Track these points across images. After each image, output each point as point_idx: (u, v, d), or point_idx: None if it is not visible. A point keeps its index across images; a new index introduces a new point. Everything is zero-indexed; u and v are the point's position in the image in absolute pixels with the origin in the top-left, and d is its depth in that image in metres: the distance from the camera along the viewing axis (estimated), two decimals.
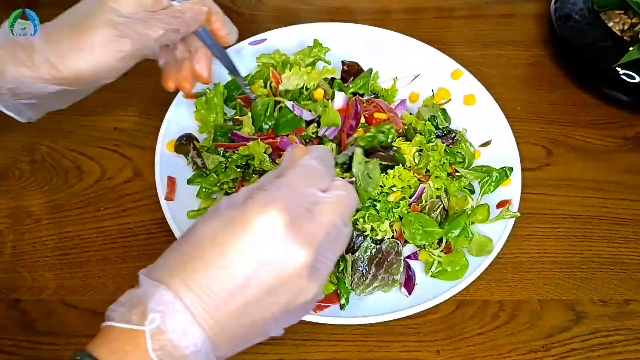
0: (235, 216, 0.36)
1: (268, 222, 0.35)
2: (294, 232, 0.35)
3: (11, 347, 0.54)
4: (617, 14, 0.70)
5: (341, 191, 0.40)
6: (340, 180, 0.41)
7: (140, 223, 0.62)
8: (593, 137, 0.70)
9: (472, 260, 0.56)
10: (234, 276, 0.35)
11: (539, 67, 0.77)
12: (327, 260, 0.38)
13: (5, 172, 0.65)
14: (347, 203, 0.40)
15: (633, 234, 0.63)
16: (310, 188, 0.38)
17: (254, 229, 0.35)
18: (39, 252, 0.60)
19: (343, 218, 0.39)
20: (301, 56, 0.69)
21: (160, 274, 0.36)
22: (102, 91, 0.72)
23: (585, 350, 0.55)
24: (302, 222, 0.36)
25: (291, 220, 0.36)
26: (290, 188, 0.38)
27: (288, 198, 0.37)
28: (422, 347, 0.55)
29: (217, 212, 0.37)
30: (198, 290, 0.34)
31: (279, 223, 0.35)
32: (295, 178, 0.39)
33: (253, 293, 0.35)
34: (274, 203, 0.36)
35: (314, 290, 0.37)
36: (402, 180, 0.57)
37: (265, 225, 0.35)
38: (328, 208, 0.38)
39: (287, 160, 0.42)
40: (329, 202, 0.38)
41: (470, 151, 0.64)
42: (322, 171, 0.40)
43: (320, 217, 0.37)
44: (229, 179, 0.60)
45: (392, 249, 0.55)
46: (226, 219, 0.36)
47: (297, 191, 0.38)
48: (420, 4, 0.83)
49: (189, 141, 0.62)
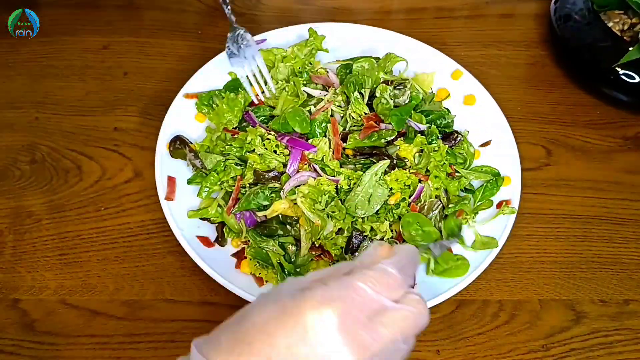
0: (289, 307, 0.35)
1: (320, 320, 0.33)
2: (346, 338, 0.34)
3: (11, 347, 0.54)
4: (617, 14, 0.70)
5: (412, 307, 0.37)
6: (415, 295, 0.38)
7: (140, 223, 0.62)
8: (593, 137, 0.70)
9: (472, 260, 0.56)
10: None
11: (539, 67, 0.77)
12: None
13: (5, 172, 0.65)
14: (414, 321, 0.37)
15: (633, 234, 0.63)
16: (378, 295, 0.36)
17: (305, 325, 0.34)
18: (39, 252, 0.60)
19: (405, 335, 0.36)
20: (298, 47, 0.69)
21: (210, 351, 0.35)
22: (102, 91, 0.72)
23: (585, 350, 0.55)
24: (358, 330, 0.34)
25: (346, 324, 0.34)
26: (354, 290, 0.35)
27: (349, 301, 0.35)
28: (422, 347, 0.55)
29: (277, 296, 0.36)
30: None
31: (332, 324, 0.33)
32: (364, 280, 0.36)
33: None
34: (332, 302, 0.34)
35: None
36: (399, 182, 0.57)
37: (317, 323, 0.33)
38: (392, 322, 0.35)
39: (365, 256, 0.39)
40: (394, 316, 0.36)
41: (470, 151, 0.64)
42: (399, 280, 0.37)
43: (380, 329, 0.35)
44: (229, 177, 0.60)
45: None
46: (280, 308, 0.35)
47: (360, 294, 0.35)
48: (420, 4, 0.84)
49: (183, 144, 0.62)
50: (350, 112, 0.63)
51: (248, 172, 0.59)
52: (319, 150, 0.60)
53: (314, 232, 0.55)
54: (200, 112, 0.66)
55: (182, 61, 0.75)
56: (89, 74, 0.74)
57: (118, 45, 0.76)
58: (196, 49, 0.73)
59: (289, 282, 0.37)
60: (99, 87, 0.73)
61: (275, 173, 0.59)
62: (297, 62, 0.69)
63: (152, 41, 0.76)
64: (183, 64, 0.74)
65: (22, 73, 0.73)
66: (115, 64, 0.75)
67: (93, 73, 0.74)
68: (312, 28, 0.71)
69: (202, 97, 0.66)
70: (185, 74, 0.68)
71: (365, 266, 0.37)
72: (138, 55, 0.76)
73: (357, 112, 0.63)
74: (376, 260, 0.38)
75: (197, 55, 0.63)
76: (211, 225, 0.60)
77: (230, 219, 0.58)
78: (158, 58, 0.75)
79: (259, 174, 0.59)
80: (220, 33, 0.78)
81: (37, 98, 0.71)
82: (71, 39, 0.76)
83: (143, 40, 0.77)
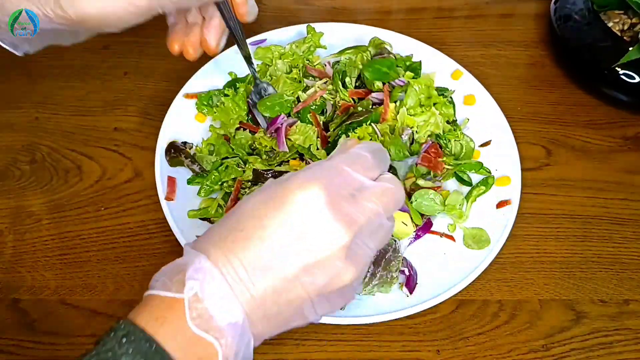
0: (276, 190, 0.36)
1: (308, 197, 0.35)
2: (334, 211, 0.35)
3: (11, 347, 0.54)
4: (617, 14, 0.70)
5: (389, 184, 0.39)
6: (389, 175, 0.40)
7: (140, 223, 0.62)
8: (593, 137, 0.70)
9: (472, 260, 0.57)
10: (272, 248, 0.34)
11: (538, 67, 0.77)
12: (366, 247, 0.37)
13: (5, 172, 0.65)
14: (392, 196, 0.39)
15: (633, 234, 0.63)
16: (356, 174, 0.38)
17: (294, 202, 0.35)
18: (39, 252, 0.60)
19: (387, 210, 0.38)
20: (297, 44, 0.70)
21: (203, 245, 0.36)
22: (102, 91, 0.72)
23: (585, 350, 0.55)
24: (343, 203, 0.36)
25: (332, 199, 0.35)
26: (336, 170, 0.38)
27: (332, 178, 0.36)
28: (422, 346, 0.55)
29: (262, 189, 0.38)
30: (236, 261, 0.34)
31: (319, 199, 0.35)
32: (343, 161, 0.38)
33: (290, 269, 0.34)
34: (316, 180, 0.36)
35: (351, 274, 0.36)
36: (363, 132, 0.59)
37: (305, 199, 0.35)
38: (372, 196, 0.37)
39: (338, 148, 0.42)
40: (374, 191, 0.38)
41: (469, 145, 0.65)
42: (372, 161, 0.40)
43: (363, 202, 0.37)
44: (230, 177, 0.60)
45: (390, 246, 0.55)
46: (268, 193, 0.36)
47: (342, 174, 0.37)
48: (420, 4, 0.84)
49: (178, 151, 0.62)
50: (338, 100, 0.64)
51: (247, 170, 0.59)
52: (307, 139, 0.60)
53: None
54: (200, 112, 0.66)
55: (182, 61, 0.74)
56: (89, 74, 0.74)
57: (118, 45, 0.76)
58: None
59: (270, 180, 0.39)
60: (99, 87, 0.73)
61: (275, 173, 0.59)
62: (295, 58, 0.69)
63: (152, 41, 0.76)
64: (183, 64, 0.73)
65: (22, 73, 0.73)
66: (115, 64, 0.75)
67: (93, 73, 0.74)
68: (311, 25, 0.71)
69: (202, 97, 0.66)
70: (185, 74, 0.68)
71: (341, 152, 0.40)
72: (138, 55, 0.76)
73: (344, 97, 0.64)
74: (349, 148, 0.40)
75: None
76: (211, 225, 0.59)
77: None
78: (158, 58, 0.75)
79: (259, 173, 0.59)
80: None
81: (37, 98, 0.71)
82: None
83: (143, 40, 0.77)
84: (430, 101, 0.63)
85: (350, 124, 0.60)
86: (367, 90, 0.65)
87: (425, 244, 0.59)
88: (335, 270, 0.35)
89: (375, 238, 0.38)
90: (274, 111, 0.63)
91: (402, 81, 0.65)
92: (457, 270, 0.56)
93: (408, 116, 0.61)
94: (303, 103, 0.64)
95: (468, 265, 0.56)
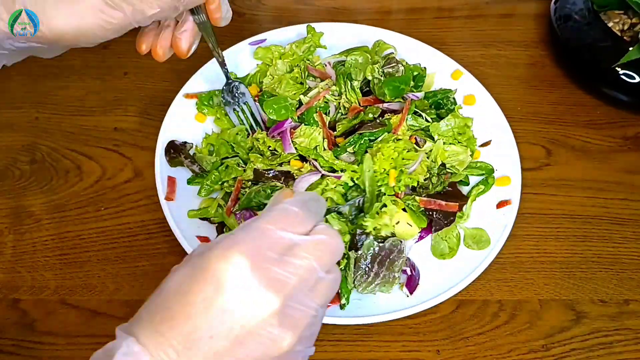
0: (198, 263, 0.34)
1: (230, 267, 0.33)
2: (259, 277, 0.33)
3: (11, 347, 0.54)
4: (617, 14, 0.70)
5: (321, 235, 0.37)
6: (323, 225, 0.38)
7: (140, 223, 0.62)
8: (593, 137, 0.70)
9: (472, 260, 0.56)
10: (199, 326, 0.33)
11: (538, 67, 0.77)
12: (303, 307, 0.35)
13: (5, 172, 0.65)
14: (327, 248, 0.36)
15: (633, 234, 0.63)
16: (282, 232, 0.36)
17: (216, 275, 0.33)
18: (39, 252, 0.60)
19: (322, 264, 0.36)
20: (297, 44, 0.70)
21: (133, 327, 0.34)
22: (102, 91, 0.72)
23: (585, 350, 0.55)
24: (270, 267, 0.34)
25: (257, 264, 0.33)
26: (260, 232, 0.35)
27: (254, 241, 0.34)
28: (422, 347, 0.55)
29: (186, 260, 0.36)
30: (165, 342, 0.33)
31: (242, 267, 0.33)
32: (268, 220, 0.36)
33: (221, 344, 0.33)
34: (237, 247, 0.34)
35: (288, 340, 0.34)
36: (387, 158, 0.58)
37: (227, 270, 0.33)
38: (302, 252, 0.35)
39: (269, 204, 0.40)
40: (305, 247, 0.35)
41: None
42: (302, 215, 0.37)
43: (292, 261, 0.35)
44: (230, 177, 0.60)
45: (395, 247, 0.55)
46: (191, 266, 0.34)
47: (267, 235, 0.35)
48: (420, 4, 0.84)
49: (177, 152, 0.62)
50: (343, 102, 0.64)
51: (248, 170, 0.59)
52: (312, 140, 0.60)
53: None
54: (200, 112, 0.66)
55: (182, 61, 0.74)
56: (89, 74, 0.74)
57: (118, 45, 0.76)
58: None
59: (199, 245, 0.36)
60: (99, 87, 0.73)
61: (275, 172, 0.59)
62: (296, 58, 0.69)
63: None
64: (183, 64, 0.73)
65: (22, 73, 0.73)
66: (115, 63, 0.75)
67: (93, 73, 0.74)
68: (311, 25, 0.71)
69: (202, 97, 0.66)
70: (185, 74, 0.68)
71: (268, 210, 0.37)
72: (138, 55, 0.75)
73: (351, 99, 0.64)
74: (278, 203, 0.38)
75: (197, 55, 0.63)
76: (211, 225, 0.59)
77: (230, 219, 0.58)
78: None
79: (259, 172, 0.59)
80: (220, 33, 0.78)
81: (37, 98, 0.71)
82: None
83: None
84: (462, 138, 0.63)
85: (362, 135, 0.59)
86: (375, 98, 0.64)
87: (426, 244, 0.59)
88: (270, 337, 0.34)
89: (316, 295, 0.36)
90: (280, 114, 0.62)
91: (415, 96, 0.65)
92: (457, 271, 0.56)
93: (443, 150, 0.60)
94: (306, 105, 0.64)
95: (468, 266, 0.56)
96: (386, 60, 0.66)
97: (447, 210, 0.58)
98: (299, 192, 0.41)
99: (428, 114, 0.63)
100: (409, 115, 0.61)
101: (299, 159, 0.61)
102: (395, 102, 0.63)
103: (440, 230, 0.58)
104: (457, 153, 0.61)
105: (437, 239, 0.59)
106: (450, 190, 0.60)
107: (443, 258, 0.58)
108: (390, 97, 0.62)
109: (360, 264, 0.54)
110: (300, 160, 0.61)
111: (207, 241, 0.58)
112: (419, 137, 0.61)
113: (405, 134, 0.61)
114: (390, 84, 0.62)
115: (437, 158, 0.60)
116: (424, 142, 0.61)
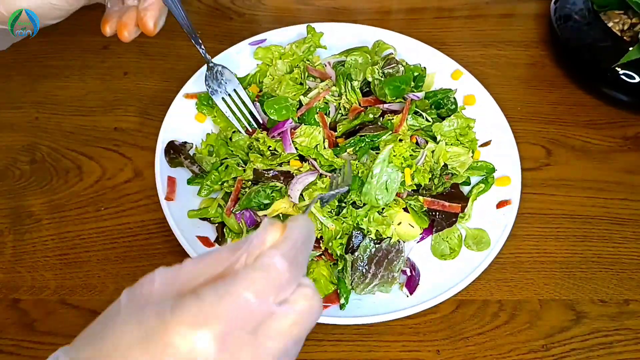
0: (156, 329, 0.28)
1: (194, 347, 0.28)
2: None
3: (11, 347, 0.54)
4: (617, 14, 0.70)
5: (302, 306, 0.31)
6: (307, 288, 0.32)
7: (140, 223, 0.62)
8: (593, 137, 0.70)
9: (472, 260, 0.56)
10: None
11: (538, 67, 0.77)
12: None
13: (5, 172, 0.65)
14: (305, 323, 0.32)
15: (633, 234, 0.63)
16: (262, 302, 0.30)
17: (177, 352, 0.27)
18: (39, 252, 0.60)
19: (297, 340, 0.32)
20: (297, 44, 0.70)
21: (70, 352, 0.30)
22: (102, 91, 0.72)
23: (585, 350, 0.55)
24: (239, 351, 0.29)
25: (227, 347, 0.28)
26: (235, 303, 0.29)
27: (229, 317, 0.29)
28: (422, 347, 0.55)
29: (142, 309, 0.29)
30: None
31: (209, 350, 0.28)
32: (247, 287, 0.30)
33: None
34: (207, 323, 0.28)
35: None
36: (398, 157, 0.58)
37: (192, 349, 0.27)
38: (280, 332, 0.30)
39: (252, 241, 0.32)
40: (283, 325, 0.31)
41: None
42: (288, 277, 0.31)
43: (267, 344, 0.30)
44: (230, 177, 0.60)
45: (393, 247, 0.55)
46: (145, 331, 0.28)
47: (242, 306, 0.29)
48: (420, 4, 0.84)
49: (177, 152, 0.62)
50: (343, 103, 0.64)
51: (248, 170, 0.59)
52: (312, 139, 0.60)
53: (327, 237, 0.55)
54: (200, 112, 0.66)
55: (182, 61, 0.75)
56: (89, 74, 0.74)
57: (118, 45, 0.76)
58: (196, 48, 0.73)
59: (158, 283, 0.30)
60: (99, 87, 0.73)
61: (275, 172, 0.59)
62: (296, 58, 0.69)
63: (152, 41, 0.76)
64: (183, 64, 0.74)
65: (22, 73, 0.73)
66: (115, 64, 0.75)
67: (93, 73, 0.74)
68: (311, 25, 0.71)
69: (202, 97, 0.66)
70: (185, 74, 0.68)
71: (250, 262, 0.31)
72: (138, 55, 0.76)
73: (351, 100, 0.64)
74: (264, 249, 0.32)
75: (197, 55, 0.63)
76: (211, 225, 0.60)
77: (230, 219, 0.58)
78: (158, 58, 0.76)
79: (259, 172, 0.59)
80: (220, 33, 0.79)
81: (37, 98, 0.71)
82: (71, 39, 0.77)
83: (143, 40, 0.76)
84: (464, 139, 0.63)
85: (363, 137, 0.59)
86: (376, 98, 0.65)
87: (425, 244, 0.59)
88: None
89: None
90: (281, 115, 0.62)
91: (416, 96, 0.65)
92: (457, 271, 0.56)
93: (445, 151, 0.60)
94: (306, 106, 0.64)
95: (468, 266, 0.56)
96: (386, 60, 0.66)
97: (449, 211, 0.58)
98: (290, 227, 0.33)
99: (429, 113, 0.63)
100: (409, 115, 0.61)
101: (298, 159, 0.61)
102: (396, 103, 0.63)
103: (441, 231, 0.58)
104: (458, 154, 0.61)
105: (438, 239, 0.59)
106: (452, 191, 0.60)
107: (444, 259, 0.58)
108: (391, 97, 0.63)
109: (357, 266, 0.54)
110: (300, 160, 0.61)
111: (207, 241, 0.58)
112: (419, 137, 0.61)
113: (405, 134, 0.61)
114: (390, 84, 0.62)
115: (440, 159, 0.60)
116: (424, 142, 0.61)
